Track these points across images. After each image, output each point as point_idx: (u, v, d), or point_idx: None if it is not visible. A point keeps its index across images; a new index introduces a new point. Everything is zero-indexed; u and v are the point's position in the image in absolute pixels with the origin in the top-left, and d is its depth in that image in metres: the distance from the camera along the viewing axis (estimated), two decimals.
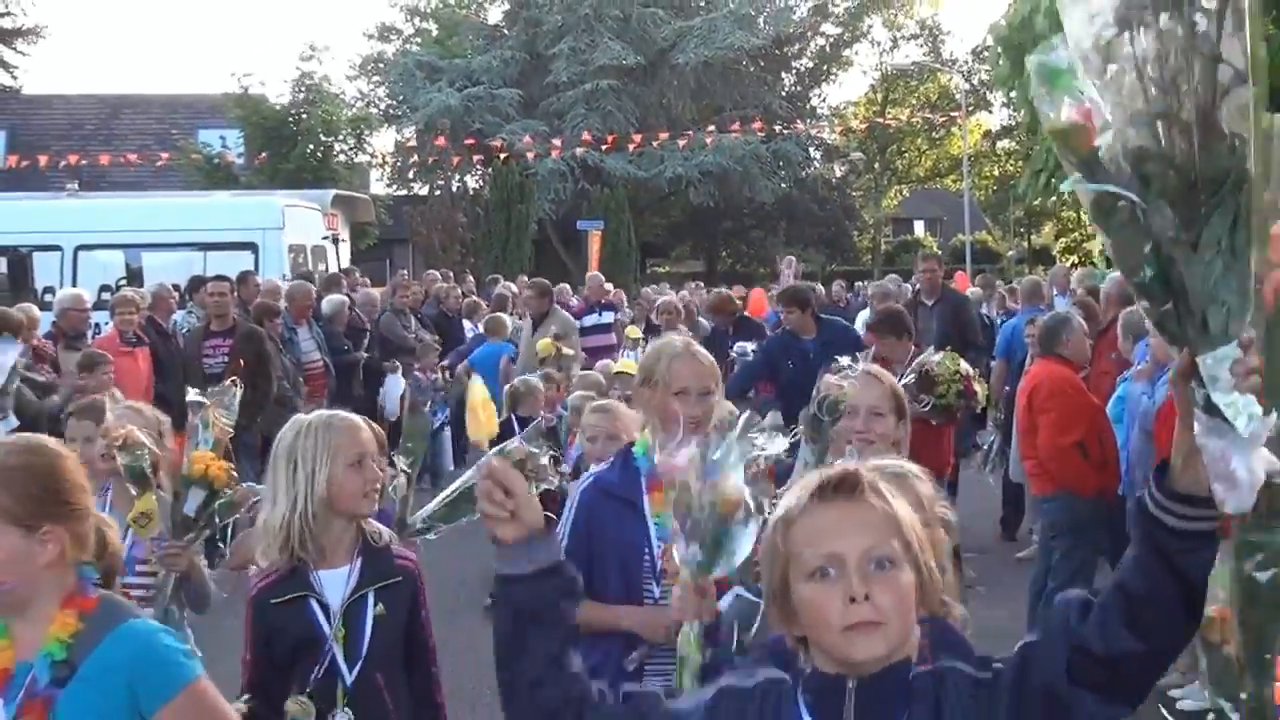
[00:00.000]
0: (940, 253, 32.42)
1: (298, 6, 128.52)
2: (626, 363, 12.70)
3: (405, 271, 25.18)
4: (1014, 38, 23.36)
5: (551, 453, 5.08)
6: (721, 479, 3.45)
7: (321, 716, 4.26)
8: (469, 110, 45.16)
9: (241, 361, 12.53)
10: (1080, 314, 10.02)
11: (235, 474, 5.26)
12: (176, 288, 18.25)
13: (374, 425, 4.75)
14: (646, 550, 4.57)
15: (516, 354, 15.45)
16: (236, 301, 13.76)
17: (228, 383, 5.77)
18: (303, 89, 34.73)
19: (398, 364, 16.00)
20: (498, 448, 4.81)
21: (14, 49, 50.41)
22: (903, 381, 7.68)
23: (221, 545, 5.93)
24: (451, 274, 25.33)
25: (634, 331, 17.16)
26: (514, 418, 10.99)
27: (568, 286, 23.20)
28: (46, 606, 3.06)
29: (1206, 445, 2.17)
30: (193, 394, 5.61)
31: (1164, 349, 8.49)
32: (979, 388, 9.13)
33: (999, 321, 17.05)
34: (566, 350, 14.37)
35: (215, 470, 5.10)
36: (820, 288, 22.89)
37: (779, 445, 3.65)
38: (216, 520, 5.25)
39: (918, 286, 14.58)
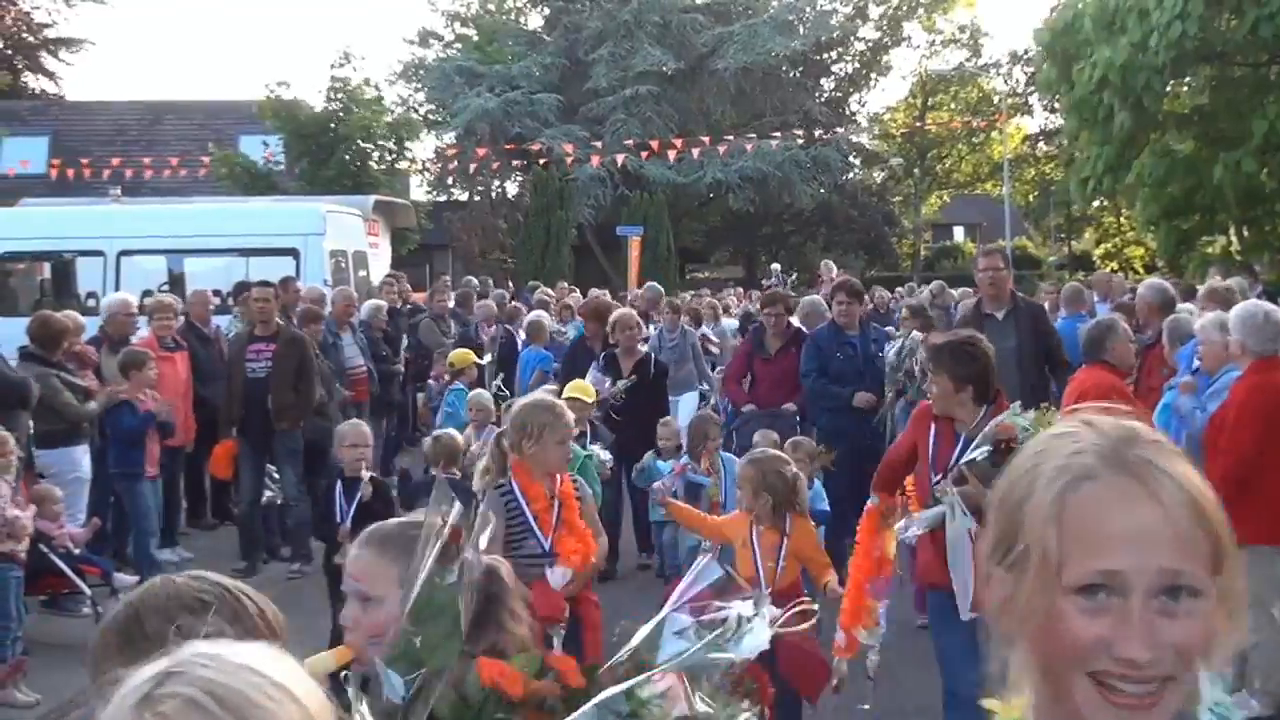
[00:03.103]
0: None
1: (340, 12, 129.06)
2: (580, 385, 11.10)
3: (446, 277, 25.27)
4: (1058, 42, 23.31)
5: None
6: None
7: None
8: (508, 115, 45.20)
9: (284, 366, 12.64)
10: (1124, 320, 9.87)
11: None
12: (217, 293, 18.46)
13: None
14: None
15: (554, 365, 15.22)
16: (279, 307, 13.77)
17: None
18: (339, 96, 34.81)
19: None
20: (640, 678, 2.56)
21: (58, 58, 50.99)
22: (971, 455, 6.34)
23: None
24: (491, 280, 25.42)
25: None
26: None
27: (607, 293, 23.17)
28: None
29: None
30: None
31: (1214, 356, 8.43)
32: None
33: None
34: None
35: None
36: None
37: None
38: None
39: (978, 294, 11.02)
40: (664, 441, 11.53)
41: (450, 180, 48.93)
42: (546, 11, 53.50)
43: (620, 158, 41.20)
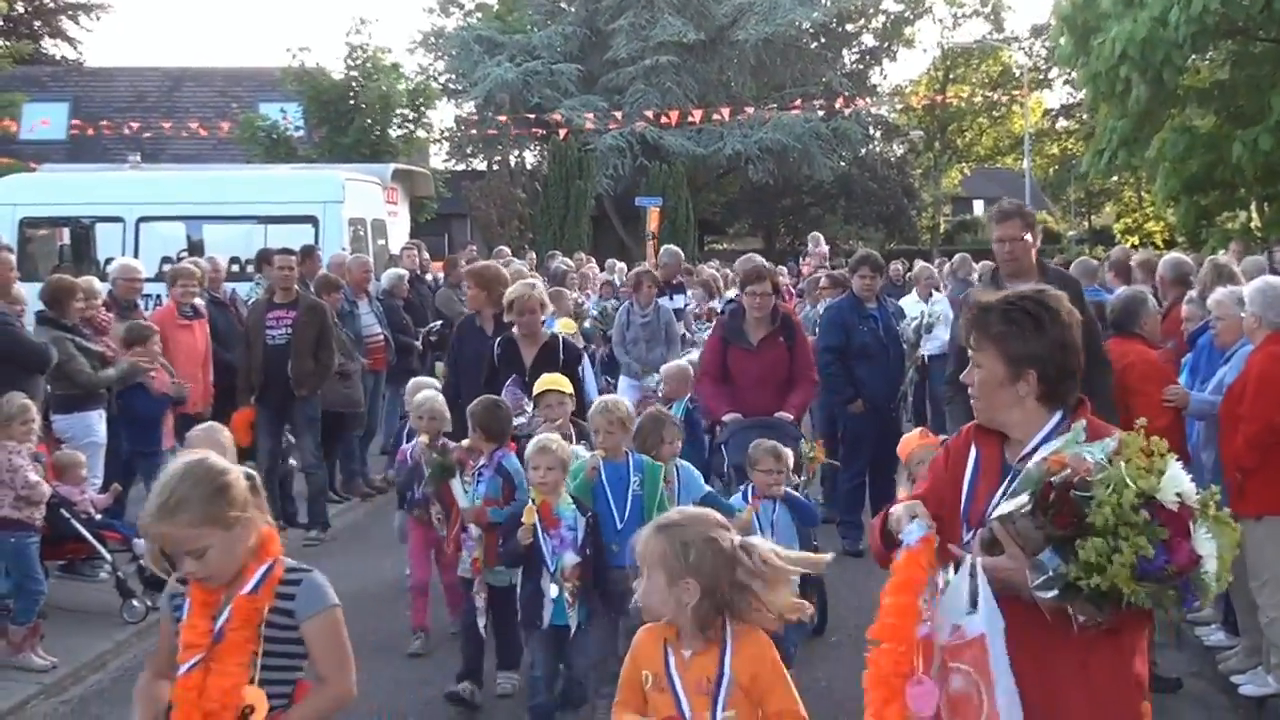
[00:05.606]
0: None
1: None
2: (554, 378, 8.89)
3: (473, 247, 25.26)
4: (1078, 15, 23.18)
5: None
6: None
7: None
8: (528, 85, 45.13)
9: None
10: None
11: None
12: (236, 260, 18.49)
13: None
14: None
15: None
16: (299, 275, 13.77)
17: None
18: (356, 63, 34.73)
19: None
20: None
21: (77, 23, 50.95)
22: (1005, 506, 3.61)
23: None
24: (509, 249, 25.38)
25: (569, 325, 13.58)
26: None
27: (622, 264, 23.14)
28: None
29: None
30: None
31: (1229, 330, 8.38)
32: (1203, 540, 3.43)
33: None
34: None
35: None
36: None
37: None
38: None
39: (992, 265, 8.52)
40: None
41: (469, 149, 48.88)
42: None
43: (639, 127, 41.12)
